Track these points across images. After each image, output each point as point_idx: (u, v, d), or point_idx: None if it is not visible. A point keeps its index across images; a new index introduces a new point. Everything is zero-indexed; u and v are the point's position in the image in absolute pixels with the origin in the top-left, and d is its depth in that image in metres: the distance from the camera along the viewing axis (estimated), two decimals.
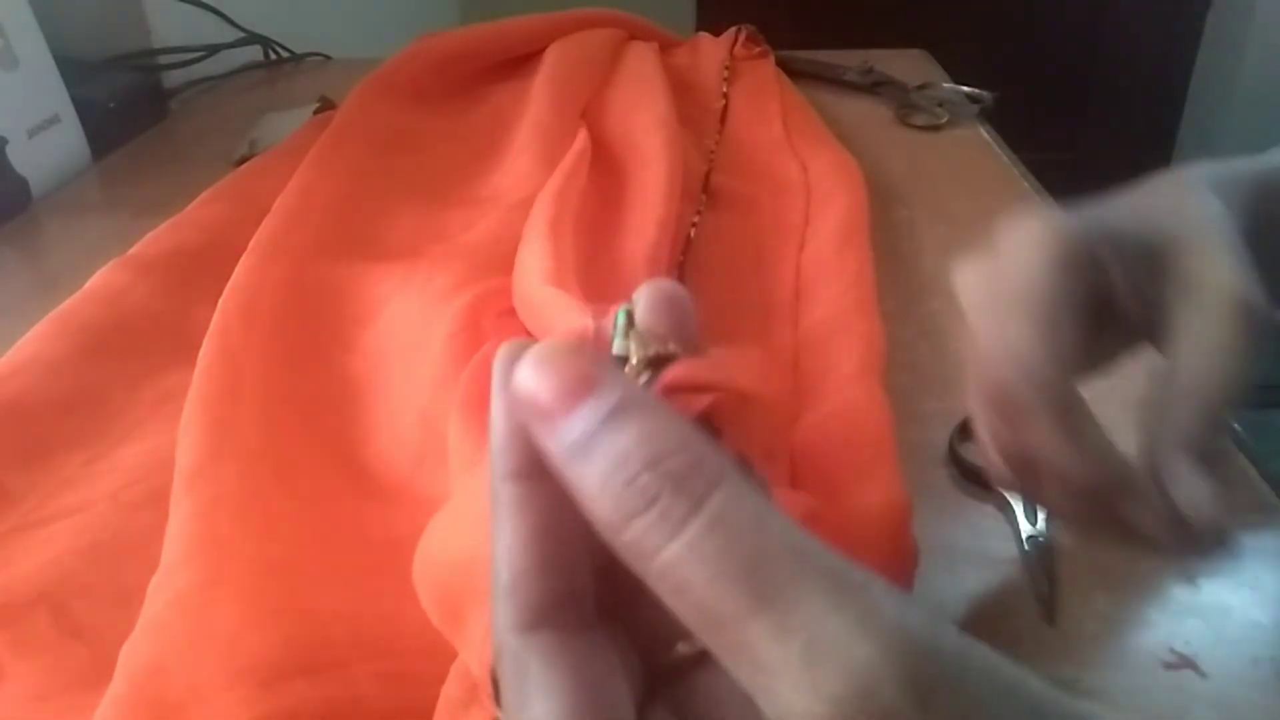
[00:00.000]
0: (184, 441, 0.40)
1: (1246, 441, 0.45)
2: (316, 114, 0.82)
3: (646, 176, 0.60)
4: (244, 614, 0.32)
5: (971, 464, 0.43)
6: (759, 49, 0.90)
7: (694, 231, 0.60)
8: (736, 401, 0.22)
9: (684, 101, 0.74)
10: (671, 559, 0.16)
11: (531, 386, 0.17)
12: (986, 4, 2.14)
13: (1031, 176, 0.75)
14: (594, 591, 0.20)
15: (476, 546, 0.28)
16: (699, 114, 0.77)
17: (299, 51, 1.09)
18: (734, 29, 0.92)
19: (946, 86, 0.88)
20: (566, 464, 0.17)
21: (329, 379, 0.47)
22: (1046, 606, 0.36)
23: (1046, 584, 0.37)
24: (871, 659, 0.14)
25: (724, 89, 0.82)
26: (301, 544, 0.37)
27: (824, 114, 0.79)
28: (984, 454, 0.34)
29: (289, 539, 0.37)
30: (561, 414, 0.17)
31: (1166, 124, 2.24)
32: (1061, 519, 0.36)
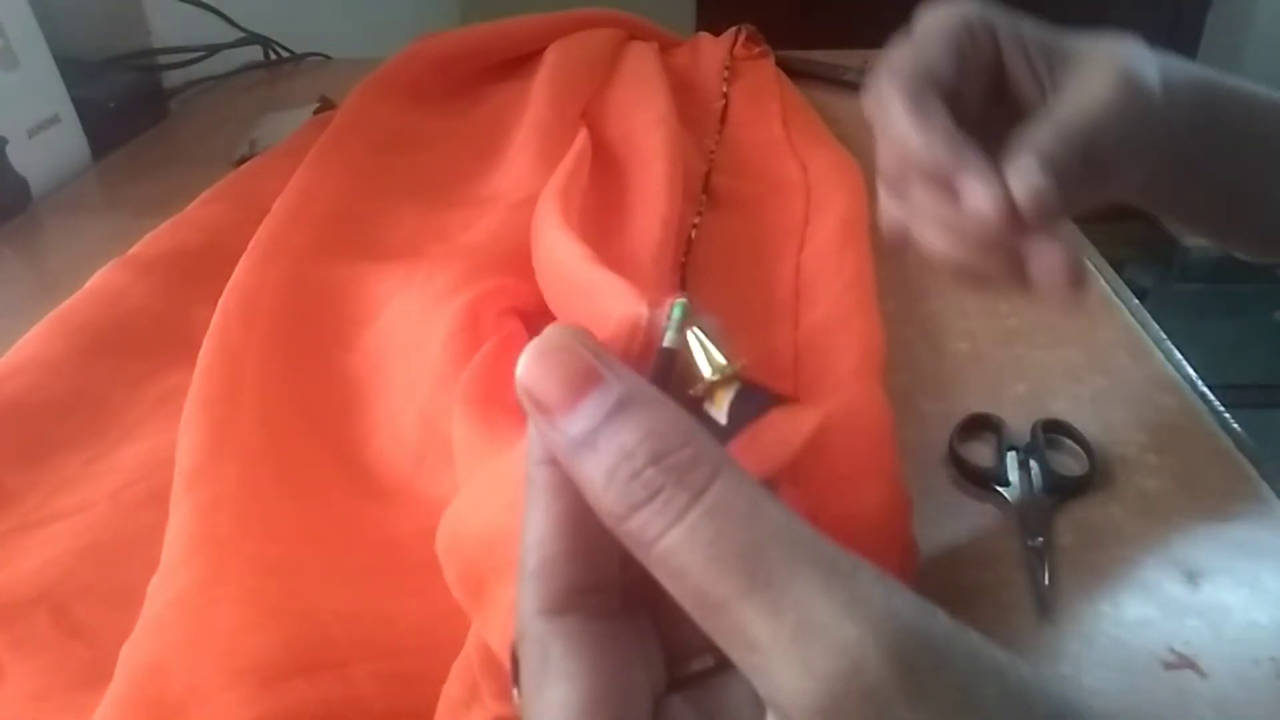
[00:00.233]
0: (184, 441, 0.40)
1: (1246, 441, 0.45)
2: (316, 114, 0.82)
3: (647, 175, 0.60)
4: (244, 614, 0.32)
5: (972, 464, 0.43)
6: (759, 49, 0.90)
7: (695, 232, 0.59)
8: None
9: (684, 101, 0.74)
10: (671, 545, 0.16)
11: (534, 380, 0.18)
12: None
13: None
14: (621, 581, 0.20)
15: (505, 523, 0.28)
16: (699, 114, 0.77)
17: (299, 51, 1.09)
18: (734, 29, 0.91)
19: None
20: (570, 458, 0.17)
21: (329, 379, 0.47)
22: (1046, 606, 0.36)
23: (1046, 584, 0.37)
24: (860, 638, 0.15)
25: (724, 89, 0.82)
26: (301, 544, 0.37)
27: (824, 114, 0.79)
28: (881, 214, 0.38)
29: (289, 539, 0.37)
30: (565, 409, 0.17)
31: None
32: (932, 255, 0.37)
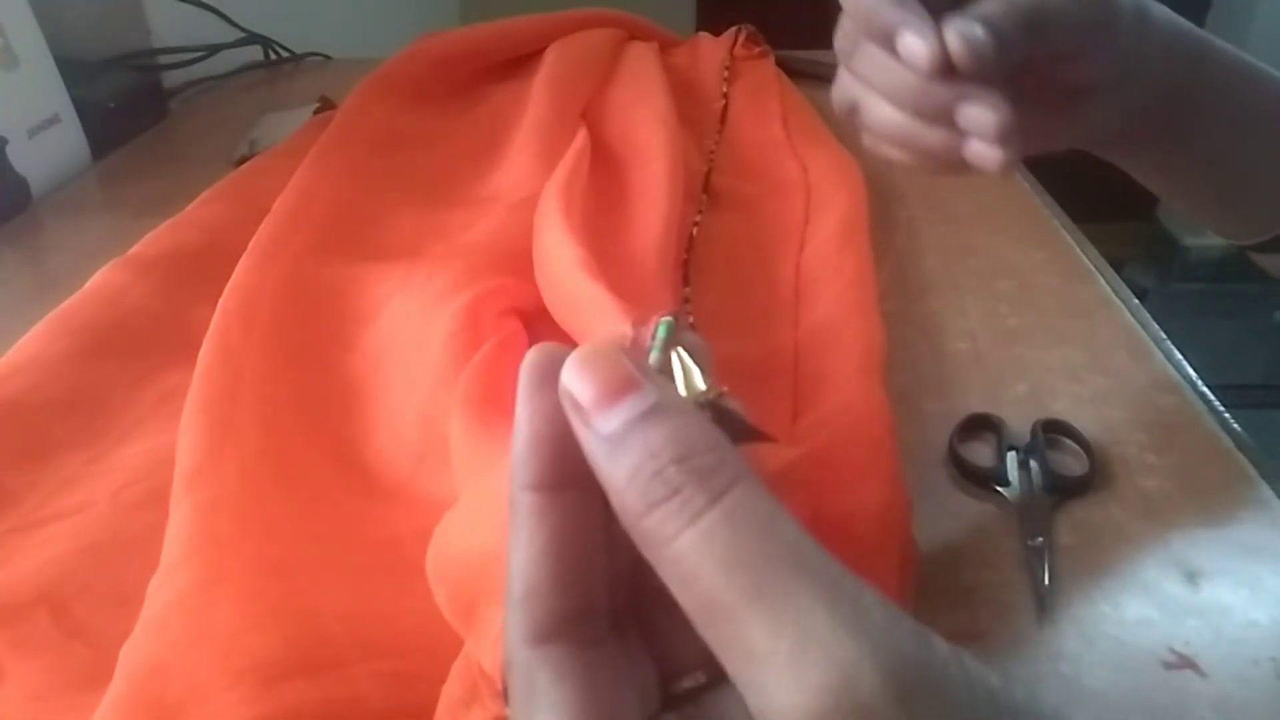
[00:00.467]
0: (184, 441, 0.40)
1: (1246, 441, 0.45)
2: (316, 114, 0.82)
3: (648, 174, 0.60)
4: (244, 614, 0.32)
5: (972, 464, 0.43)
6: (759, 49, 0.90)
7: (696, 231, 0.60)
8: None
9: (684, 101, 0.74)
10: (685, 545, 0.17)
11: (574, 381, 0.18)
12: None
13: (1032, 176, 0.75)
14: (609, 604, 0.20)
15: (494, 544, 0.28)
16: (699, 114, 0.77)
17: (299, 51, 1.09)
18: (734, 29, 0.92)
19: None
20: (600, 454, 0.18)
21: (329, 379, 0.47)
22: (1046, 606, 0.36)
23: (1046, 584, 0.37)
24: (855, 656, 0.15)
25: (724, 89, 0.82)
26: (301, 544, 0.37)
27: (824, 114, 0.78)
28: (834, 89, 0.39)
29: (289, 539, 0.37)
30: (601, 408, 0.18)
31: None
32: (877, 128, 0.38)
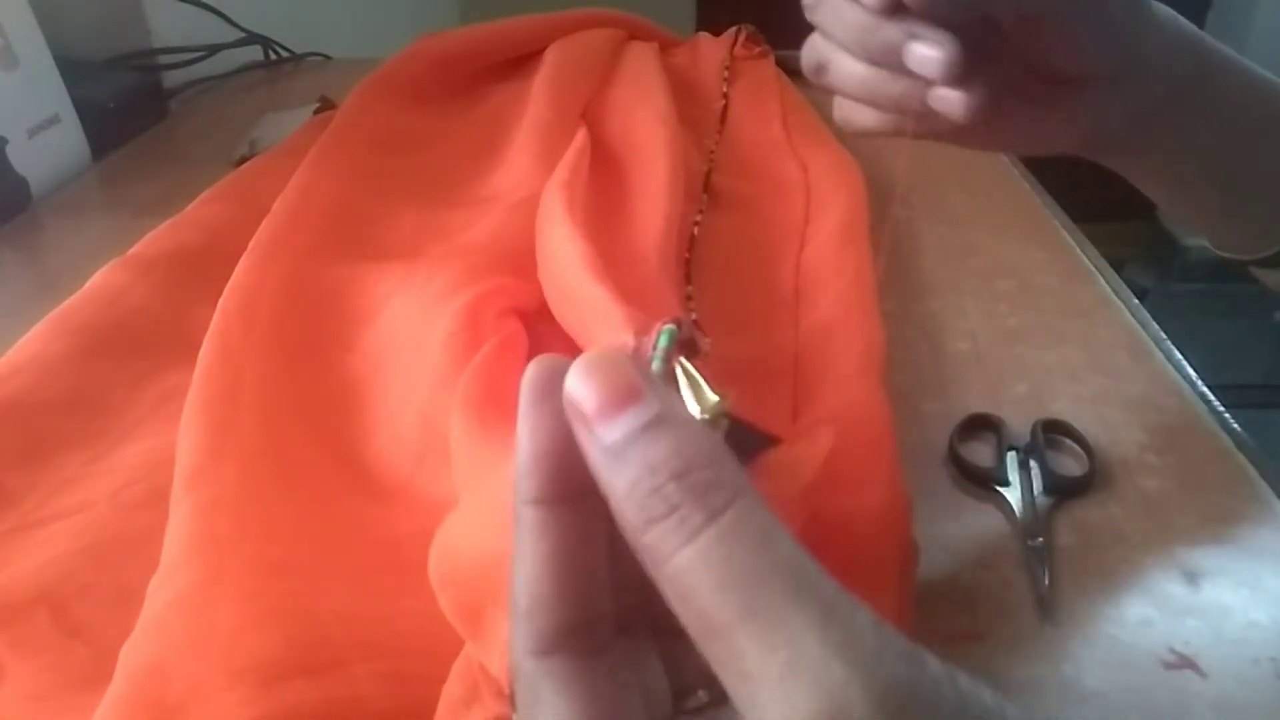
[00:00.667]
0: (184, 441, 0.40)
1: (1246, 441, 0.45)
2: (316, 114, 0.82)
3: (648, 174, 0.60)
4: (244, 614, 0.32)
5: (972, 464, 0.43)
6: (759, 49, 0.90)
7: (697, 230, 0.60)
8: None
9: (684, 101, 0.74)
10: (682, 564, 0.17)
11: (578, 389, 0.18)
12: None
13: (1032, 176, 0.75)
14: (615, 611, 0.20)
15: (498, 548, 0.28)
16: (699, 114, 0.77)
17: (299, 51, 1.09)
18: (734, 29, 0.91)
19: None
20: (601, 465, 0.18)
21: (329, 379, 0.47)
22: (1047, 607, 0.36)
23: (1046, 584, 0.37)
24: (846, 680, 0.15)
25: (724, 89, 0.82)
26: (301, 544, 0.37)
27: (824, 114, 0.78)
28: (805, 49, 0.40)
29: (289, 539, 0.37)
30: (604, 418, 0.18)
31: None
32: (843, 87, 0.39)
